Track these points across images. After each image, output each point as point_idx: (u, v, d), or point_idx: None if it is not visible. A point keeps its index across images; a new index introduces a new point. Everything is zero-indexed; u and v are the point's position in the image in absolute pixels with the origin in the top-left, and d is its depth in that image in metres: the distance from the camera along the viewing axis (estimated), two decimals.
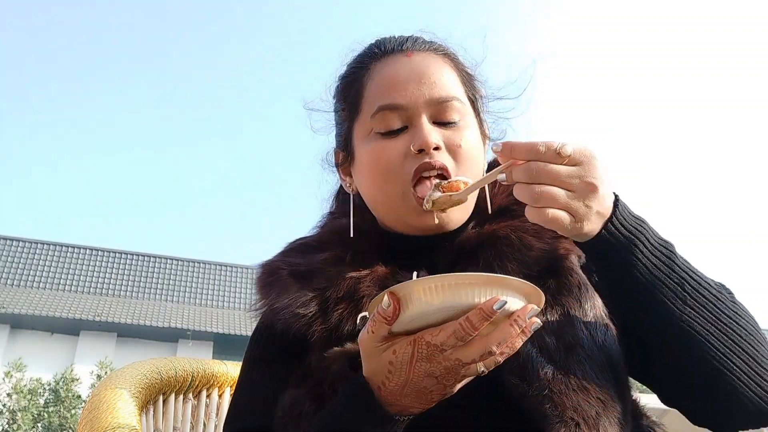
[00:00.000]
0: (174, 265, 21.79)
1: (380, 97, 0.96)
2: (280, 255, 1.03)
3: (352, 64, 1.04)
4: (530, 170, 0.75)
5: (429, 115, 0.95)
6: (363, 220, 1.02)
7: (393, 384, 0.74)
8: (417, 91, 0.95)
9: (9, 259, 20.32)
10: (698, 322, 0.82)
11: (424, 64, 0.98)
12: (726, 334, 0.82)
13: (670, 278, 0.82)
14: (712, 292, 0.84)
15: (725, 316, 0.83)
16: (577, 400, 0.79)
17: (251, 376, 0.99)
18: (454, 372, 0.72)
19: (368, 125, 0.97)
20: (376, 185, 0.97)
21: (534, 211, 0.77)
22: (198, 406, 1.24)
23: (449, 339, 0.70)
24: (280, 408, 0.88)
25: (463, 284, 0.70)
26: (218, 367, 1.28)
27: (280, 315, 0.93)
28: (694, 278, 0.84)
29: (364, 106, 0.99)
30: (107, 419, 0.94)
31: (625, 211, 0.82)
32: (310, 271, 0.96)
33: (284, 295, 0.94)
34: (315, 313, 0.91)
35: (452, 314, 0.71)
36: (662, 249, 0.83)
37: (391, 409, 0.76)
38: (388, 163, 0.94)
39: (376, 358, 0.74)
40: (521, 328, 0.71)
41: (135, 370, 1.11)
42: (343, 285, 0.92)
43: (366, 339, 0.74)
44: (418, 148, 0.92)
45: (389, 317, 0.71)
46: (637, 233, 0.82)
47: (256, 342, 1.01)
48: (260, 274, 1.00)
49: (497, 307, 0.68)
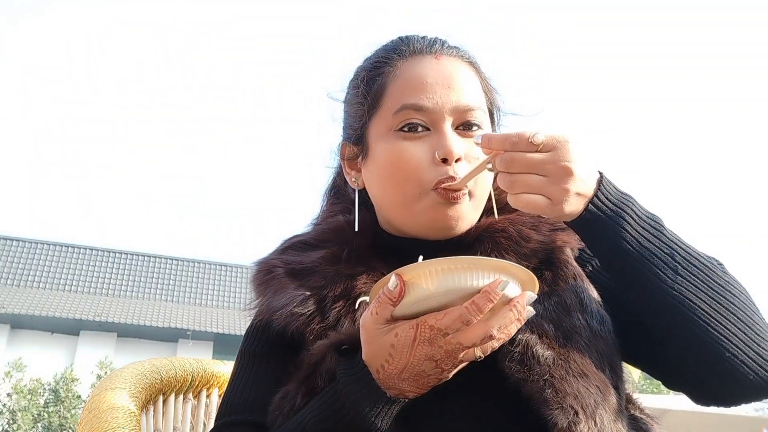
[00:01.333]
0: (174, 265, 21.79)
1: (406, 96, 0.95)
2: (276, 253, 1.02)
3: (376, 58, 1.02)
4: (506, 160, 0.80)
5: (453, 121, 0.95)
6: (362, 218, 1.01)
7: (393, 367, 0.75)
8: (445, 96, 0.94)
9: (9, 259, 20.32)
10: (691, 290, 0.82)
11: (453, 68, 0.97)
12: (720, 302, 0.83)
13: (660, 249, 0.83)
14: (703, 262, 0.85)
15: (718, 285, 0.84)
16: (577, 387, 0.80)
17: (245, 371, 0.98)
18: (453, 356, 0.74)
19: (389, 123, 0.95)
20: (393, 185, 0.95)
21: (512, 198, 0.81)
22: (198, 406, 1.24)
23: (454, 323, 0.72)
24: (272, 403, 0.88)
25: (467, 268, 0.72)
26: (218, 367, 1.28)
27: (277, 314, 0.92)
28: (685, 249, 0.85)
29: (386, 102, 0.96)
30: (107, 419, 0.94)
31: (610, 187, 0.83)
32: (306, 270, 0.95)
33: (281, 293, 0.93)
34: (312, 312, 0.90)
35: (452, 298, 0.72)
36: (650, 222, 0.84)
37: (389, 393, 0.77)
38: (409, 166, 0.93)
39: (377, 341, 0.76)
40: (518, 314, 0.73)
41: (135, 370, 1.11)
42: (340, 283, 0.92)
43: (369, 320, 0.76)
44: (443, 157, 0.92)
45: (395, 299, 0.72)
46: (623, 207, 0.83)
47: (251, 337, 1.01)
48: (256, 273, 1.00)
49: (501, 289, 0.71)
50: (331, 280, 0.92)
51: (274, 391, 0.90)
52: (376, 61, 1.01)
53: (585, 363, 0.83)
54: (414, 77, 0.96)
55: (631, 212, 0.83)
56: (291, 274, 0.96)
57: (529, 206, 0.80)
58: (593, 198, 0.82)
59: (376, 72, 1.00)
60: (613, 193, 0.83)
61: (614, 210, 0.82)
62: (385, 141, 0.96)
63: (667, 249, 0.84)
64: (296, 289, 0.93)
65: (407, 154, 0.93)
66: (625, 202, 0.83)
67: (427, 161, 0.92)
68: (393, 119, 0.95)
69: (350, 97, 1.04)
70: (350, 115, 1.04)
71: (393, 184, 0.95)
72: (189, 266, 21.96)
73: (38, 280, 20.04)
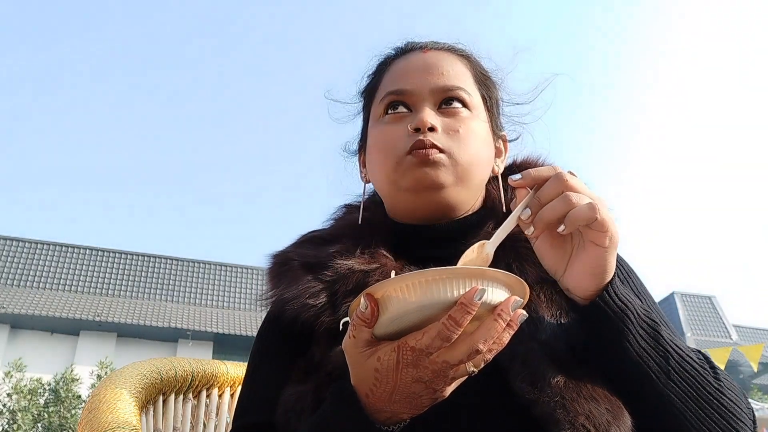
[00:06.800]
0: (174, 265, 21.79)
1: (390, 85, 1.02)
2: (292, 246, 1.03)
3: (376, 63, 1.10)
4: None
5: (433, 102, 0.99)
6: (375, 213, 1.04)
7: (381, 391, 0.72)
8: (424, 80, 0.99)
9: (9, 259, 20.33)
10: (680, 397, 0.81)
11: (437, 58, 1.02)
12: (706, 412, 0.81)
13: (656, 351, 0.81)
14: (695, 367, 0.83)
15: (707, 394, 0.82)
16: (589, 408, 0.78)
17: (257, 371, 0.99)
18: (442, 375, 0.69)
19: (378, 111, 1.02)
20: (379, 164, 1.00)
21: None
22: (198, 406, 1.24)
23: (434, 341, 0.67)
24: (284, 403, 0.88)
25: (440, 279, 0.66)
26: (218, 367, 1.28)
27: (289, 305, 0.92)
28: (678, 353, 0.83)
29: (377, 95, 1.04)
30: (107, 419, 0.94)
31: (619, 284, 0.83)
32: (320, 263, 0.96)
33: (294, 285, 0.94)
34: (324, 304, 0.90)
35: (434, 311, 0.67)
36: (649, 322, 0.83)
37: (381, 416, 0.74)
38: (387, 143, 0.98)
39: (361, 366, 0.72)
40: (506, 321, 0.68)
41: (135, 370, 1.11)
42: (352, 278, 0.92)
43: (349, 345, 0.72)
44: (414, 127, 0.95)
45: (368, 320, 0.68)
46: (628, 304, 0.82)
47: (262, 336, 1.01)
48: (271, 265, 1.00)
49: (478, 298, 0.65)
50: (344, 275, 0.92)
51: (283, 389, 0.89)
52: (376, 64, 1.10)
53: (596, 386, 0.81)
54: (400, 69, 1.03)
55: (634, 310, 0.82)
56: (305, 266, 0.96)
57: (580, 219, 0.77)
58: (608, 287, 0.81)
59: (375, 73, 1.09)
60: (621, 290, 0.82)
61: (620, 307, 0.81)
62: (374, 128, 1.02)
63: (662, 351, 0.82)
64: (309, 282, 0.93)
65: (388, 134, 0.99)
66: (630, 299, 0.83)
67: (404, 134, 0.97)
68: (380, 107, 1.02)
69: (359, 99, 1.12)
70: (360, 115, 1.12)
71: (379, 163, 1.00)
72: (189, 266, 21.96)
73: (38, 280, 20.05)
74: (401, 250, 0.98)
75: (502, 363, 0.80)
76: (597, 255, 0.79)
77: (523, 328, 0.82)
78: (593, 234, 0.79)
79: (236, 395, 1.29)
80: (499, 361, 0.79)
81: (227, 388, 1.29)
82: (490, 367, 0.73)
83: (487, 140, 1.02)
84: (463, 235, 0.96)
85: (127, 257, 21.61)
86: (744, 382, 20.81)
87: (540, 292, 0.88)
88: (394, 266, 0.93)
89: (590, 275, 0.81)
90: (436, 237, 0.99)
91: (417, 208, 0.98)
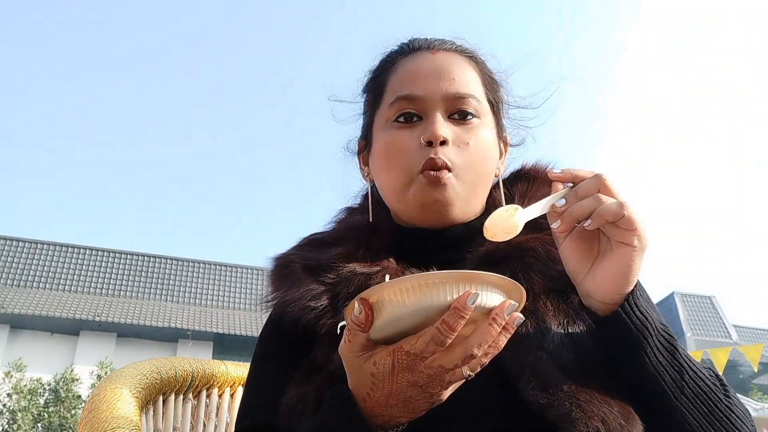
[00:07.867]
0: (174, 265, 21.80)
1: (400, 88, 1.00)
2: (294, 249, 1.03)
3: (381, 59, 1.08)
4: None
5: (444, 109, 0.97)
6: (378, 215, 1.03)
7: (378, 395, 0.72)
8: (435, 86, 0.98)
9: (9, 259, 20.33)
10: (692, 413, 0.81)
11: (447, 61, 1.01)
12: (714, 427, 0.81)
13: (672, 366, 0.82)
14: (707, 383, 0.84)
15: (717, 411, 0.83)
16: (603, 411, 0.78)
17: (259, 374, 0.99)
18: (438, 379, 0.70)
19: (386, 115, 1.00)
20: (386, 171, 0.99)
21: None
22: (198, 406, 1.24)
23: (428, 346, 0.67)
24: (286, 404, 0.88)
25: (434, 283, 0.66)
26: (218, 367, 1.28)
27: (291, 307, 0.92)
28: (692, 368, 0.83)
29: (385, 97, 1.02)
30: (107, 419, 0.94)
31: (639, 295, 0.83)
32: (322, 266, 0.95)
33: (296, 287, 0.94)
34: (325, 306, 0.90)
35: (429, 315, 0.67)
36: (666, 335, 0.83)
37: (378, 420, 0.74)
38: (399, 152, 0.97)
39: (358, 370, 0.72)
40: (501, 325, 0.68)
41: (135, 370, 1.11)
42: (354, 281, 0.92)
43: (345, 349, 0.72)
44: (427, 140, 0.94)
45: (362, 324, 0.68)
46: (648, 316, 0.82)
47: (265, 338, 1.01)
48: (273, 267, 1.00)
49: (471, 302, 0.65)
50: (346, 277, 0.92)
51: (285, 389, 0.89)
52: (381, 61, 1.08)
53: (607, 392, 0.81)
54: (409, 71, 1.01)
55: (653, 323, 0.82)
56: (307, 269, 0.96)
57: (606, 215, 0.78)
58: (629, 297, 0.81)
59: (380, 71, 1.06)
60: (641, 302, 0.82)
61: (641, 319, 0.81)
62: (382, 132, 1.01)
63: (678, 366, 0.82)
64: (311, 284, 0.93)
65: (398, 143, 0.97)
66: (650, 312, 0.83)
67: (416, 147, 0.95)
68: (389, 111, 1.00)
69: (362, 97, 1.11)
70: (363, 112, 1.10)
71: (388, 171, 0.99)
72: (189, 266, 21.97)
73: (38, 280, 20.05)
74: (404, 253, 0.98)
75: (510, 373, 0.81)
76: (625, 256, 0.80)
77: (531, 337, 0.83)
78: (621, 233, 0.79)
79: (236, 395, 1.29)
80: (508, 371, 0.80)
81: (227, 388, 1.29)
82: (497, 378, 0.73)
83: (494, 146, 1.02)
84: (466, 239, 0.97)
85: (127, 257, 21.61)
86: (744, 382, 20.83)
87: (547, 302, 0.88)
88: (396, 269, 0.93)
89: (615, 277, 0.81)
90: (440, 241, 0.98)
91: (424, 221, 0.98)
